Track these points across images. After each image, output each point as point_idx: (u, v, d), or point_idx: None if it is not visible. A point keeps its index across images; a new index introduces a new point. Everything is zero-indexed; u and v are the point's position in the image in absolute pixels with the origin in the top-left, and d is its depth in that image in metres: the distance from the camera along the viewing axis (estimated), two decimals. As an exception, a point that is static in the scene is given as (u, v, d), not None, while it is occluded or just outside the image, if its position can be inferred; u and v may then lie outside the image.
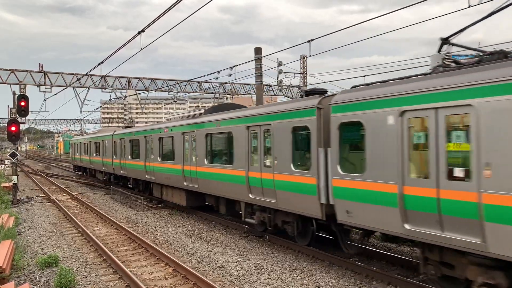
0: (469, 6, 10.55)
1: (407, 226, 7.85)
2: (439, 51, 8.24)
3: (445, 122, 7.19)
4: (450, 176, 7.11)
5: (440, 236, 7.22)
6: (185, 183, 17.06)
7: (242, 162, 13.02)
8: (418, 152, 7.79)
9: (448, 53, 8.23)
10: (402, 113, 7.91)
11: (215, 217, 17.20)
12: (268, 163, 11.92)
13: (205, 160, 15.37)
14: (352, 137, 9.40)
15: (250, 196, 12.66)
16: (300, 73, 52.97)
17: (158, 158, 19.93)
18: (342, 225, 9.74)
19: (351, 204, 9.04)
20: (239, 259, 11.44)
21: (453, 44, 8.19)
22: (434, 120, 7.36)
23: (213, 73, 29.13)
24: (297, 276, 9.91)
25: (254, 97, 33.03)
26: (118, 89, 32.92)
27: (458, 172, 7.00)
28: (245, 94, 42.17)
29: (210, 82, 36.30)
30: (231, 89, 37.08)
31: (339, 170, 9.36)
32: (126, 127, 32.78)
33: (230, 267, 10.73)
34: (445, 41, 8.16)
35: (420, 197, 7.57)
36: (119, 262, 10.88)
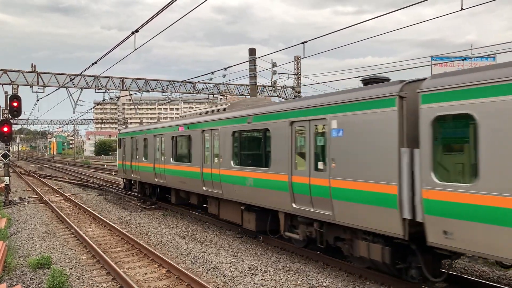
0: (462, 9, 10.63)
1: None
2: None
3: None
4: None
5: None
6: (204, 188, 15.07)
7: (283, 165, 10.90)
8: None
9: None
10: None
11: (209, 218, 17.17)
12: (320, 166, 9.83)
13: (232, 162, 13.33)
14: (455, 135, 7.48)
15: (294, 205, 10.56)
16: (294, 74, 53.13)
17: (171, 159, 17.92)
18: (431, 248, 7.84)
19: (453, 223, 7.06)
20: (233, 260, 11.44)
21: None
22: None
23: (207, 74, 29.13)
24: (291, 277, 9.92)
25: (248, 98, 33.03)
26: (112, 89, 32.79)
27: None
28: (239, 95, 42.17)
29: (204, 83, 36.26)
30: (225, 89, 37.08)
31: (434, 178, 7.33)
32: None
33: (224, 268, 10.72)
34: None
35: None
36: (112, 264, 10.83)
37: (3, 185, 25.43)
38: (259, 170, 12.03)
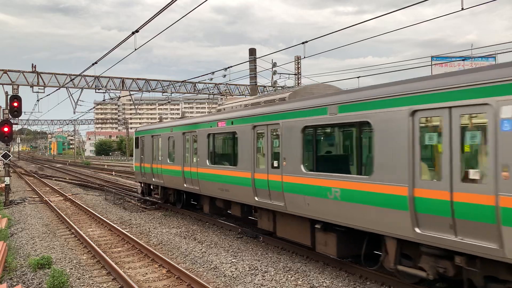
0: (462, 9, 10.63)
1: None
2: None
3: None
4: None
5: None
6: (257, 198, 12.13)
7: (400, 172, 7.76)
8: None
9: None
10: None
11: (209, 218, 17.16)
12: (476, 176, 6.70)
13: (302, 166, 10.23)
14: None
15: (417, 230, 7.45)
16: (295, 74, 53.21)
17: (207, 161, 14.97)
18: None
19: None
20: (233, 260, 11.43)
21: None
22: None
23: (207, 74, 29.16)
24: (291, 277, 9.92)
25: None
26: (112, 89, 32.80)
27: None
28: (240, 95, 42.18)
29: (205, 83, 36.29)
30: (225, 90, 37.09)
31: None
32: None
33: (224, 268, 10.72)
34: None
35: None
36: (112, 264, 10.83)
37: (3, 185, 25.44)
38: (351, 179, 8.85)
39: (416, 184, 7.47)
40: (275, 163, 11.31)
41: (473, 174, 6.73)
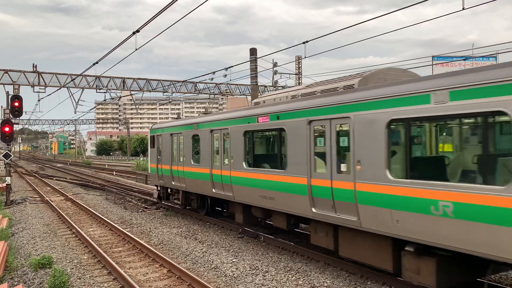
0: (463, 9, 10.62)
1: None
2: None
3: None
4: None
5: None
6: (314, 210, 10.04)
7: None
8: None
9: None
10: None
11: (210, 217, 17.16)
12: None
13: (387, 171, 8.11)
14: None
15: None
16: (295, 74, 53.14)
17: (243, 163, 12.82)
18: None
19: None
20: (234, 260, 11.43)
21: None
22: None
23: (208, 74, 29.17)
24: (292, 277, 9.91)
25: (249, 98, 33.10)
26: (113, 89, 32.82)
27: None
28: (240, 95, 42.21)
29: (205, 83, 36.30)
30: (226, 89, 37.10)
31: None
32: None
33: (225, 268, 10.72)
34: None
35: None
36: (113, 263, 10.84)
37: (4, 185, 25.47)
38: (473, 190, 6.69)
39: None
40: (343, 167, 9.24)
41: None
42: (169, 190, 19.50)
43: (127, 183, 34.92)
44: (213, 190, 14.52)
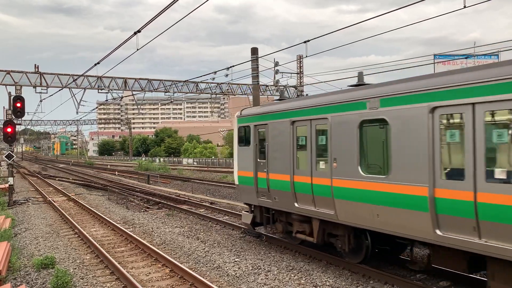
0: (465, 7, 10.60)
1: None
2: None
3: None
4: None
5: None
6: None
7: None
8: None
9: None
10: None
11: (212, 217, 17.18)
12: None
13: None
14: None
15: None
16: (297, 73, 53.02)
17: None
18: None
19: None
20: (236, 259, 11.44)
21: None
22: None
23: (209, 74, 29.17)
24: (294, 276, 9.91)
25: (251, 98, 33.10)
26: (115, 89, 32.88)
27: None
28: (242, 94, 42.23)
29: (207, 83, 36.32)
30: (227, 89, 37.12)
31: None
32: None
33: (227, 268, 10.73)
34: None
35: None
36: (116, 263, 10.86)
37: (7, 185, 25.54)
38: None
39: None
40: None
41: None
42: (272, 211, 12.28)
43: (129, 183, 34.99)
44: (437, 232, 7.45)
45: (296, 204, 10.71)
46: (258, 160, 12.29)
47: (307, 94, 13.59)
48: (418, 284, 8.71)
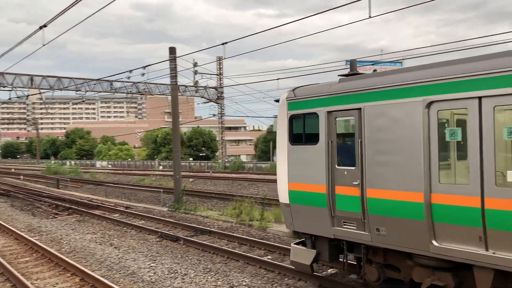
0: (370, 17, 11.40)
1: None
2: None
3: None
4: None
5: None
6: None
7: None
8: None
9: None
10: None
11: (127, 222, 16.59)
12: None
13: None
14: None
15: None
16: (217, 75, 53.00)
17: None
18: None
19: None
20: (152, 264, 11.15)
21: None
22: None
23: (124, 72, 28.17)
24: (211, 278, 9.90)
25: (170, 98, 32.49)
26: (19, 87, 30.45)
27: None
28: (160, 94, 41.33)
29: (122, 82, 35.01)
30: (144, 89, 36.11)
31: None
32: None
33: (142, 273, 10.42)
34: None
35: None
36: (18, 275, 10.02)
37: None
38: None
39: None
40: None
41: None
42: (362, 249, 7.96)
43: (36, 188, 32.58)
44: None
45: (434, 242, 6.48)
46: (338, 166, 7.90)
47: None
48: (329, 279, 9.14)
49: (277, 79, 28.44)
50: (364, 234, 7.45)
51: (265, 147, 66.08)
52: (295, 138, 8.75)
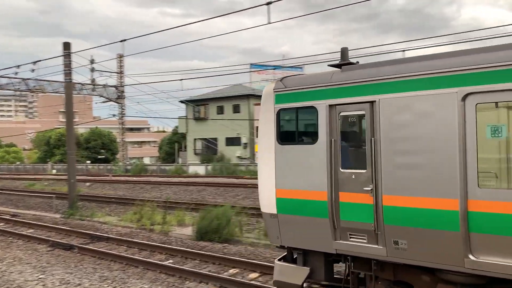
0: (269, 23, 11.78)
1: None
2: None
3: None
4: None
5: None
6: None
7: None
8: None
9: None
10: None
11: (14, 231, 15.13)
12: None
13: None
14: None
15: None
16: (117, 73, 50.84)
17: None
18: None
19: None
20: (41, 276, 10.28)
21: None
22: None
23: (11, 68, 25.68)
24: (107, 286, 9.41)
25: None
26: None
27: None
28: (53, 93, 38.44)
29: (9, 77, 31.89)
30: (35, 86, 33.30)
31: None
32: None
33: (30, 286, 9.56)
34: None
35: None
36: None
37: None
38: None
39: None
40: None
41: None
42: (373, 266, 6.81)
43: None
44: None
45: (471, 256, 5.59)
46: (343, 170, 6.69)
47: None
48: (230, 279, 9.21)
49: (181, 80, 28.03)
50: (377, 248, 6.29)
51: (170, 149, 64.74)
52: (285, 137, 7.40)
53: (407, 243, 6.00)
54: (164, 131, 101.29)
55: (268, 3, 11.02)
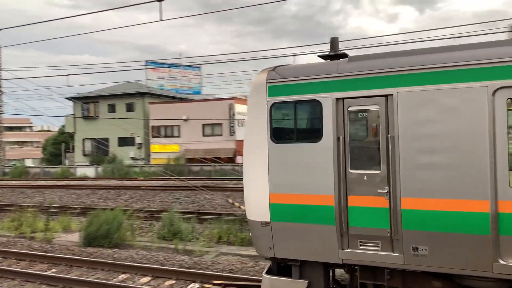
0: (161, 20, 11.58)
1: None
2: None
3: None
4: None
5: None
6: None
7: None
8: None
9: None
10: None
11: None
12: None
13: None
14: None
15: None
16: (-8, 66, 45.97)
17: None
18: None
19: None
20: None
21: None
22: None
23: None
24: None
25: None
26: None
27: None
28: None
29: None
30: None
31: None
32: None
33: None
34: None
35: None
36: None
37: None
38: None
39: None
40: None
41: None
42: (386, 275, 6.22)
43: None
44: None
45: (500, 261, 5.27)
46: (352, 170, 6.05)
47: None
48: (119, 285, 8.87)
49: (67, 75, 26.04)
50: (393, 256, 5.74)
51: (55, 150, 59.94)
52: (280, 134, 6.51)
53: (428, 249, 5.54)
54: (49, 131, 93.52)
55: (159, 0, 10.83)
